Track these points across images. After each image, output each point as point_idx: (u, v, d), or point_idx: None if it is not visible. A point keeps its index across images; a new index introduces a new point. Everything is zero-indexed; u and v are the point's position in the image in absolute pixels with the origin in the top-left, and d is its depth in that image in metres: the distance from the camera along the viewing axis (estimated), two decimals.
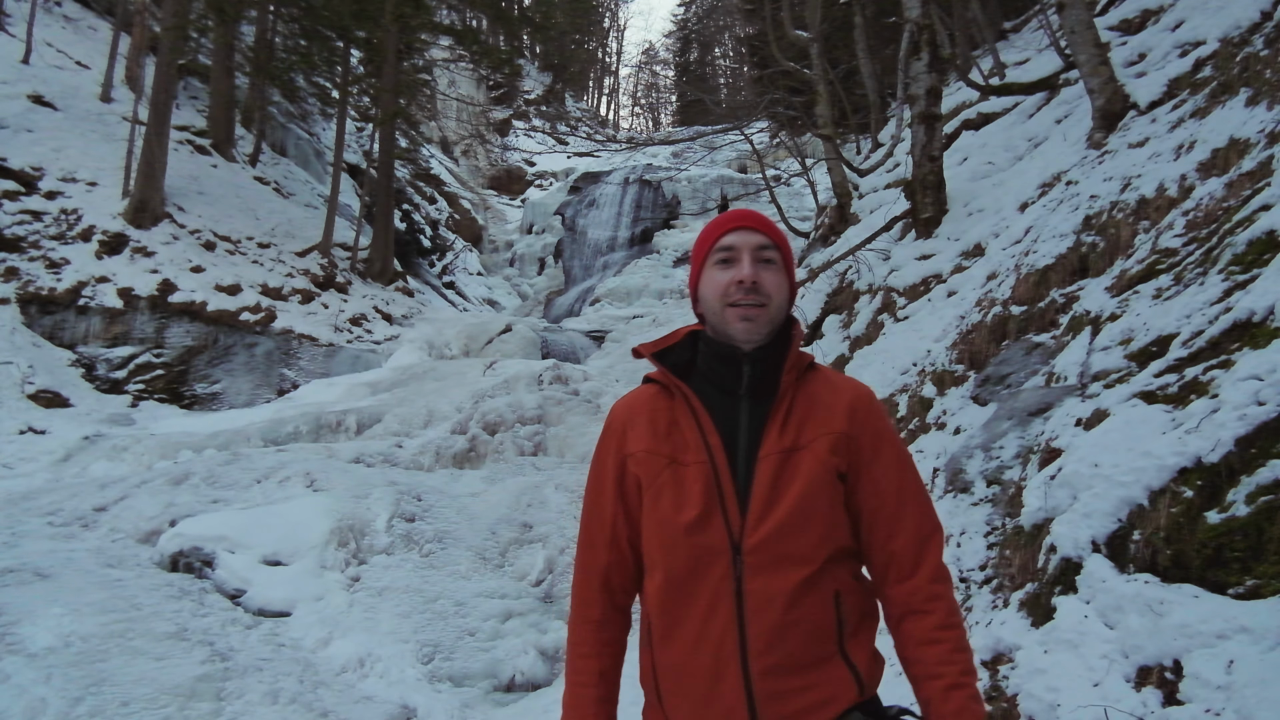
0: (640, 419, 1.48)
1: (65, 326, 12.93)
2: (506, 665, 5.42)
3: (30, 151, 14.13)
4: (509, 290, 27.97)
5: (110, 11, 19.91)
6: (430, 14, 19.64)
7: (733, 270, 1.42)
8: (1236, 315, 2.97)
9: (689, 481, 1.38)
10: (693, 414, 1.43)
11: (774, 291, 1.42)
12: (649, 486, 1.43)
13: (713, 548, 1.35)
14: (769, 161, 20.08)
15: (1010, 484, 3.87)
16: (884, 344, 7.31)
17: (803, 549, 1.35)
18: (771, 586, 1.33)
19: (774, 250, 1.45)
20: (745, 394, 1.42)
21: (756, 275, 1.41)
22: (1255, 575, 2.24)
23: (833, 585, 1.37)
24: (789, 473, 1.37)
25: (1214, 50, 5.94)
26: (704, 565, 1.36)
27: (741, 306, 1.40)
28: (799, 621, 1.33)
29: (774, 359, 1.43)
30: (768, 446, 1.38)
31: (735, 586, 1.33)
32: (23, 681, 4.45)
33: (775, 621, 1.32)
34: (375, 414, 11.05)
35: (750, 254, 1.43)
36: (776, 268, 1.44)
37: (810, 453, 1.38)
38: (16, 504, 7.65)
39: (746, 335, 1.41)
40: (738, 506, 1.36)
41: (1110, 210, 5.10)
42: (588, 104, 54.54)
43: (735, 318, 1.41)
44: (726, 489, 1.37)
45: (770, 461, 1.37)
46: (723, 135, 17.85)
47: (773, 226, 1.48)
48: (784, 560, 1.34)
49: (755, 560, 1.33)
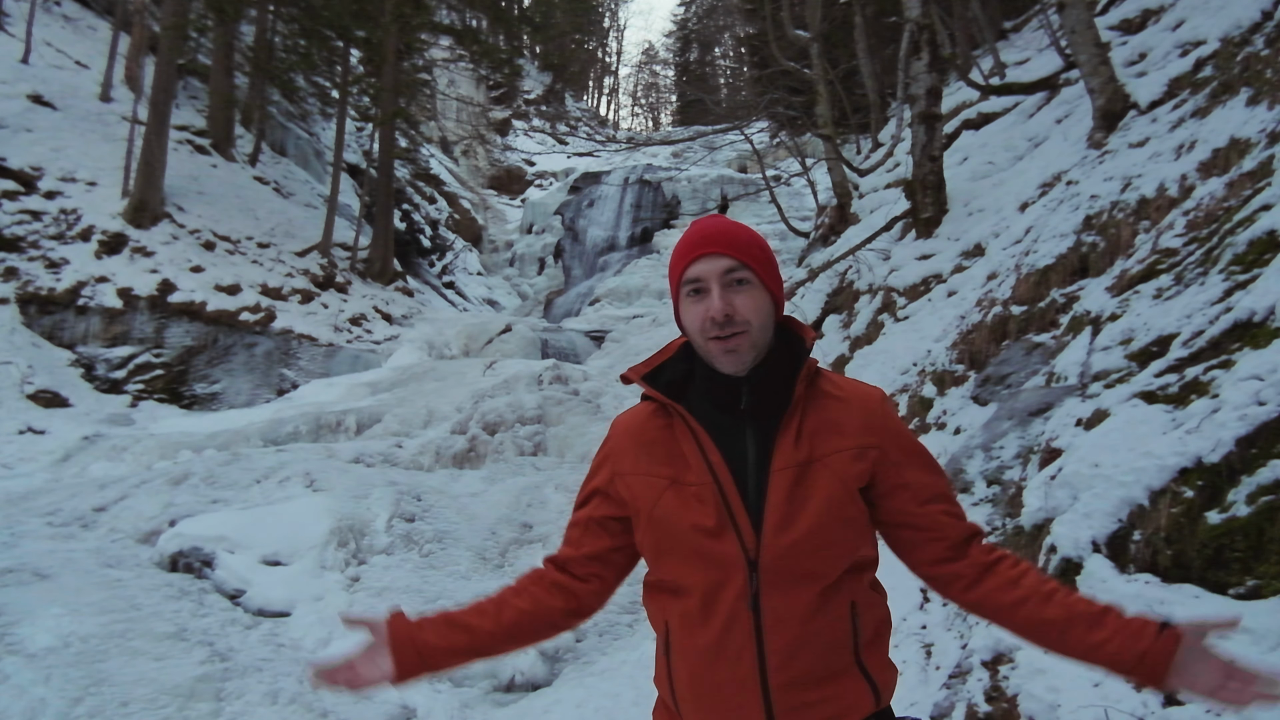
0: (637, 441, 1.44)
1: (65, 326, 12.93)
2: (506, 665, 5.41)
3: (30, 151, 14.13)
4: (509, 290, 27.98)
5: (109, 11, 19.91)
6: (430, 14, 19.66)
7: (705, 302, 1.35)
8: (1237, 315, 2.96)
9: (693, 500, 1.35)
10: (692, 434, 1.38)
11: (751, 314, 1.35)
12: (649, 512, 1.39)
13: (729, 561, 1.32)
14: (769, 161, 20.09)
15: (1010, 484, 3.87)
16: (884, 344, 7.31)
17: (821, 565, 1.32)
18: (789, 602, 1.30)
19: (744, 269, 1.36)
20: (747, 411, 1.38)
21: (728, 306, 1.33)
22: (1256, 575, 2.24)
23: (848, 597, 1.35)
24: (805, 487, 1.33)
25: (1215, 50, 5.94)
26: (721, 580, 1.33)
27: (720, 340, 1.34)
28: (816, 635, 1.31)
29: (776, 374, 1.38)
30: (781, 460, 1.34)
31: (752, 602, 1.31)
32: (22, 682, 4.45)
33: (793, 637, 1.30)
34: (375, 414, 11.04)
35: (718, 282, 1.35)
36: (751, 286, 1.36)
37: (826, 465, 1.34)
38: (16, 504, 7.65)
39: (734, 367, 1.36)
40: (749, 522, 1.32)
41: (1111, 210, 5.10)
42: (588, 104, 54.55)
43: (718, 351, 1.35)
44: (735, 505, 1.33)
45: (786, 475, 1.33)
46: (723, 135, 17.88)
47: (739, 240, 1.38)
48: (802, 576, 1.31)
49: (772, 577, 1.30)
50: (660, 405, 1.44)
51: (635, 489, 1.40)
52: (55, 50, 17.53)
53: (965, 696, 2.96)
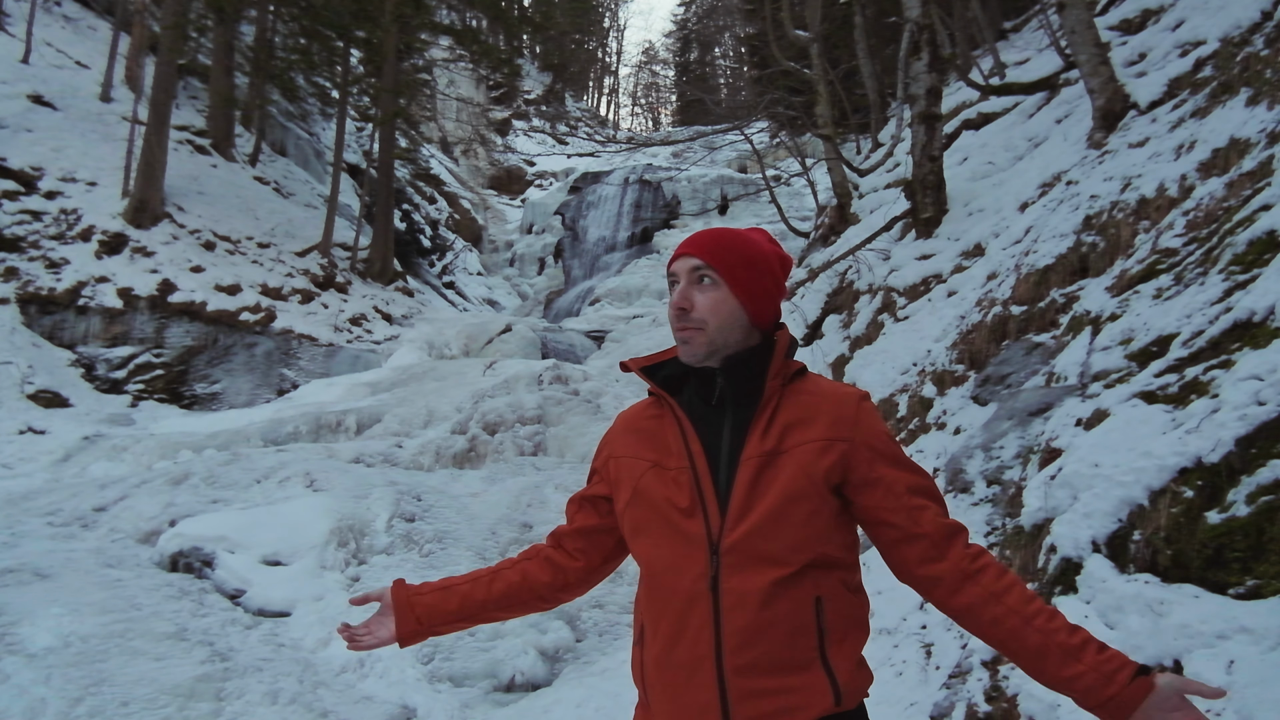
0: (631, 428, 1.58)
1: (65, 326, 12.93)
2: (506, 665, 5.42)
3: (30, 151, 14.13)
4: (509, 290, 27.97)
5: (110, 11, 19.91)
6: (430, 14, 19.65)
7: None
8: (1237, 315, 2.96)
9: (671, 484, 1.45)
10: (677, 422, 1.49)
11: (708, 313, 1.46)
12: (631, 487, 1.49)
13: (695, 542, 1.40)
14: (769, 161, 20.08)
15: (1010, 484, 3.87)
16: (884, 344, 7.31)
17: (777, 550, 1.37)
18: (746, 585, 1.35)
19: (708, 269, 1.47)
20: (726, 403, 1.47)
21: (685, 299, 1.47)
22: (1256, 575, 2.24)
23: (813, 590, 1.38)
24: (769, 476, 1.40)
25: (1214, 50, 5.93)
26: (686, 560, 1.40)
27: (678, 330, 1.48)
28: (774, 623, 1.35)
29: (750, 369, 1.47)
30: (749, 450, 1.42)
31: (712, 584, 1.37)
32: (22, 681, 4.45)
33: (749, 620, 1.34)
34: (375, 414, 11.05)
35: (685, 278, 1.49)
36: (712, 285, 1.47)
37: (791, 457, 1.41)
38: (16, 504, 7.66)
39: (686, 356, 1.48)
40: (718, 507, 1.40)
41: (1110, 210, 5.10)
42: (588, 104, 54.53)
43: (678, 340, 1.49)
44: (707, 491, 1.41)
45: (751, 464, 1.41)
46: (723, 135, 17.86)
47: (714, 245, 1.49)
48: (759, 560, 1.36)
49: (731, 559, 1.37)
50: (656, 398, 1.56)
51: (623, 468, 1.53)
52: (55, 50, 17.53)
53: (965, 696, 2.96)
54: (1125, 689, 1.26)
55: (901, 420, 5.99)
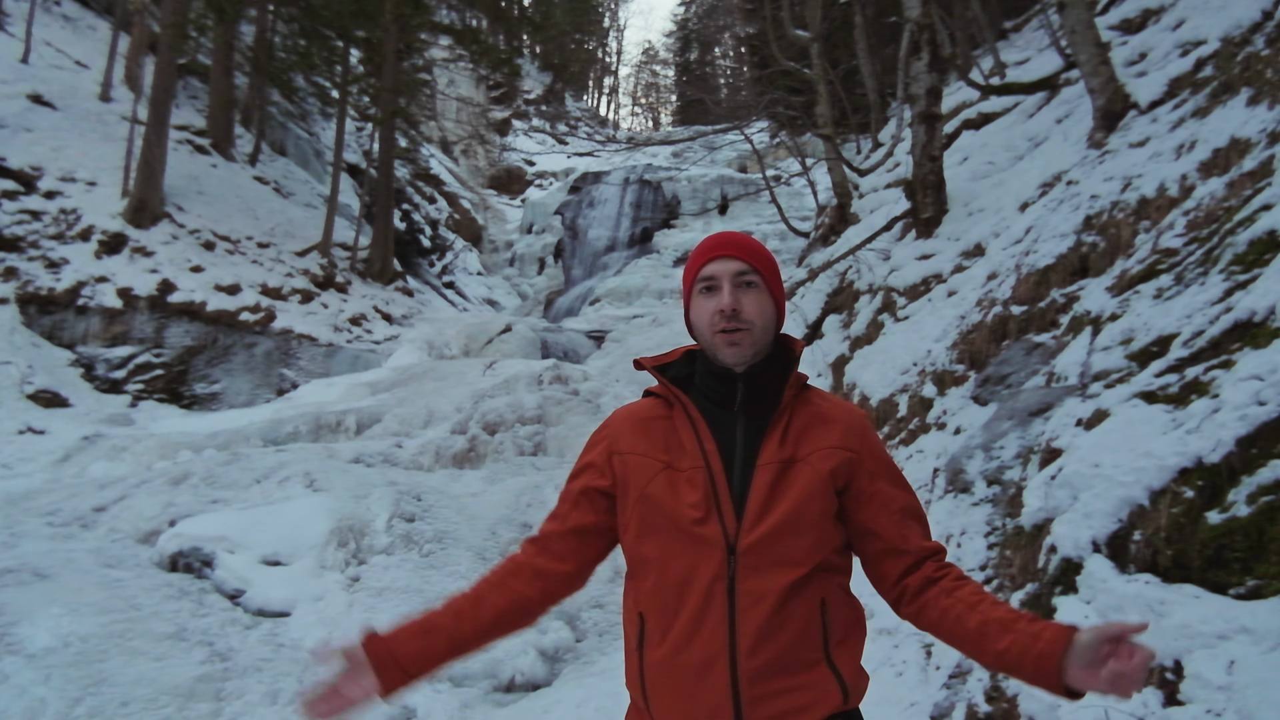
0: (637, 426, 1.56)
1: (64, 326, 12.92)
2: (506, 665, 5.41)
3: (29, 151, 14.12)
4: (509, 290, 27.96)
5: (109, 11, 19.90)
6: (430, 14, 19.64)
7: (715, 299, 1.49)
8: (1237, 315, 2.96)
9: (684, 485, 1.44)
10: (690, 423, 1.50)
11: (755, 315, 1.49)
12: (641, 488, 1.48)
13: (710, 544, 1.40)
14: (769, 161, 20.09)
15: (1010, 484, 3.86)
16: (884, 344, 7.30)
17: (795, 552, 1.40)
18: (763, 586, 1.37)
19: (754, 274, 1.51)
20: (740, 409, 1.49)
21: (736, 302, 1.48)
22: (1256, 576, 2.24)
23: (819, 593, 1.42)
24: (786, 481, 1.43)
25: (1215, 50, 5.93)
26: (701, 562, 1.40)
27: (726, 333, 1.47)
28: (786, 623, 1.37)
29: (768, 376, 1.51)
30: (767, 456, 1.44)
31: (729, 585, 1.38)
32: (22, 682, 4.45)
33: (764, 621, 1.36)
34: (375, 414, 11.04)
35: (730, 281, 1.49)
36: (758, 289, 1.51)
37: (808, 465, 1.44)
38: (16, 504, 7.65)
39: (734, 359, 1.48)
40: (733, 510, 1.41)
41: (1111, 210, 5.09)
42: (588, 104, 54.52)
43: (723, 344, 1.48)
44: (722, 493, 1.42)
45: (769, 469, 1.43)
46: (723, 135, 17.87)
47: (752, 248, 1.53)
48: (777, 562, 1.39)
49: (749, 560, 1.38)
50: (662, 400, 1.56)
51: (630, 466, 1.51)
52: (55, 50, 17.53)
53: (965, 696, 2.96)
54: (1049, 643, 1.26)
55: (902, 420, 5.98)
